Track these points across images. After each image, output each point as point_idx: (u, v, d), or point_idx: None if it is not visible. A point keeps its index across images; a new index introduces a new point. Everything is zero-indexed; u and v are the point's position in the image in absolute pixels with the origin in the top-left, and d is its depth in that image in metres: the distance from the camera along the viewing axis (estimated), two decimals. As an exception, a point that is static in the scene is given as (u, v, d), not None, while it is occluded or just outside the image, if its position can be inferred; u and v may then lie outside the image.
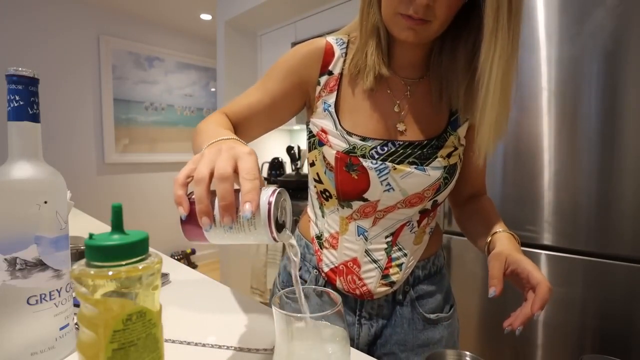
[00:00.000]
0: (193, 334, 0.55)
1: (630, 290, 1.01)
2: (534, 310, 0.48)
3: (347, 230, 0.62)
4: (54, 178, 0.44)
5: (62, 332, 0.44)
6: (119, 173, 3.13)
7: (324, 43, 0.62)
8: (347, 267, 0.62)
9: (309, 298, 0.39)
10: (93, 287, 0.27)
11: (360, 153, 0.57)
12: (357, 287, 0.62)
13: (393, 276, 0.62)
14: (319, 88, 0.62)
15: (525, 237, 1.16)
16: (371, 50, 0.57)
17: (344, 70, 0.61)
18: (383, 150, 0.57)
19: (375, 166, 0.56)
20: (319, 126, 0.61)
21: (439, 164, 0.57)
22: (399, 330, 0.64)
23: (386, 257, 0.61)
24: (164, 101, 3.39)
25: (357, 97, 0.60)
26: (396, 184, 0.57)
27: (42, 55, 2.67)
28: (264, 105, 0.63)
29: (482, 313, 1.27)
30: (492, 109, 0.50)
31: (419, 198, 0.58)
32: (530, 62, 1.15)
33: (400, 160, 0.57)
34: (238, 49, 2.67)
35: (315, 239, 0.67)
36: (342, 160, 0.57)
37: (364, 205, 0.59)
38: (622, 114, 1.01)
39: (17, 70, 0.41)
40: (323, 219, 0.65)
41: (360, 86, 0.60)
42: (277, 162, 2.58)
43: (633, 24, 0.99)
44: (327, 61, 0.61)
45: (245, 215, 0.32)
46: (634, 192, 1.00)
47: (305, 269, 0.68)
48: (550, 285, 0.50)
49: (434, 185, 0.58)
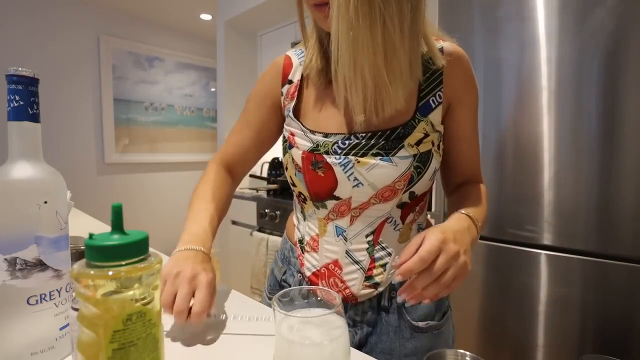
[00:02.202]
0: (193, 334, 0.55)
1: (630, 290, 1.01)
2: (395, 265, 0.44)
3: (326, 232, 0.61)
4: (54, 178, 0.44)
5: (62, 332, 0.44)
6: (119, 173, 3.13)
7: (283, 58, 0.68)
8: (328, 269, 0.61)
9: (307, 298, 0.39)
10: (93, 287, 0.27)
11: (323, 150, 0.57)
12: (339, 290, 0.60)
13: (377, 277, 0.59)
14: (282, 98, 0.66)
15: (525, 237, 1.16)
16: (311, 50, 0.61)
17: (303, 76, 0.64)
18: (345, 145, 0.56)
19: (338, 161, 0.56)
20: (289, 130, 0.63)
21: (407, 152, 0.55)
22: (384, 339, 0.61)
23: (368, 257, 0.59)
24: (164, 101, 3.39)
25: (317, 97, 0.62)
26: (363, 177, 0.55)
27: (42, 55, 2.67)
28: (251, 139, 0.70)
29: (481, 313, 1.27)
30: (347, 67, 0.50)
31: (391, 191, 0.56)
32: (530, 62, 1.15)
33: (364, 152, 0.55)
34: (238, 49, 2.67)
35: (297, 242, 0.67)
36: (307, 159, 0.58)
37: (338, 204, 0.58)
38: (622, 114, 1.01)
39: (17, 70, 0.41)
40: (304, 222, 0.65)
41: (316, 86, 0.62)
42: (276, 162, 2.59)
43: (633, 24, 0.99)
44: (286, 73, 0.66)
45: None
46: (634, 192, 1.00)
47: (290, 273, 0.68)
48: (442, 241, 0.44)
49: (405, 175, 0.55)
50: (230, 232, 2.62)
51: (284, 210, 2.14)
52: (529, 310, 1.16)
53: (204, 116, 3.71)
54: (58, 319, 0.43)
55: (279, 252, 0.74)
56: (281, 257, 0.71)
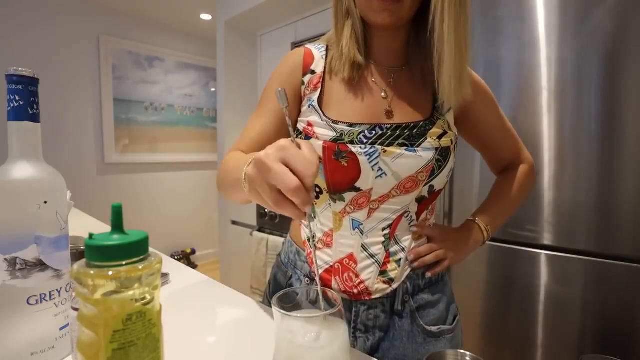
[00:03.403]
0: (193, 334, 0.55)
1: (630, 290, 1.01)
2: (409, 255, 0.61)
3: (342, 226, 0.60)
4: (54, 178, 0.44)
5: (62, 332, 0.44)
6: (119, 173, 3.13)
7: (303, 49, 0.65)
8: (342, 264, 0.60)
9: (307, 298, 0.39)
10: (93, 287, 0.27)
11: (348, 139, 0.56)
12: (354, 285, 0.59)
13: (391, 272, 0.60)
14: (303, 87, 0.63)
15: (525, 237, 1.16)
16: (346, 41, 0.60)
17: (326, 69, 0.63)
18: (371, 134, 0.56)
19: (364, 150, 0.55)
20: (305, 121, 0.61)
21: (429, 144, 0.56)
22: (397, 344, 0.60)
23: (384, 251, 0.59)
24: (164, 101, 3.39)
25: (342, 90, 0.61)
26: (388, 167, 0.56)
27: (42, 55, 2.67)
28: (271, 125, 0.64)
29: (481, 313, 1.27)
30: (449, 57, 0.53)
31: (413, 182, 0.57)
32: (530, 62, 1.15)
33: (390, 142, 0.56)
34: (238, 49, 2.67)
35: (307, 241, 0.64)
36: (330, 149, 0.56)
37: (357, 196, 0.58)
38: (622, 114, 1.01)
39: (17, 70, 0.41)
40: (316, 219, 0.64)
41: (343, 79, 0.61)
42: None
43: (633, 24, 0.99)
44: (308, 63, 0.64)
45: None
46: (634, 192, 1.00)
47: (297, 277, 0.66)
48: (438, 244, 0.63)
49: (428, 167, 0.56)
50: (230, 232, 2.62)
51: (284, 210, 2.13)
52: (529, 310, 1.16)
53: (204, 116, 3.71)
54: (58, 319, 0.43)
55: (282, 256, 0.71)
56: (285, 261, 0.69)
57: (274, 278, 0.71)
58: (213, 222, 3.72)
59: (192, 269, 0.85)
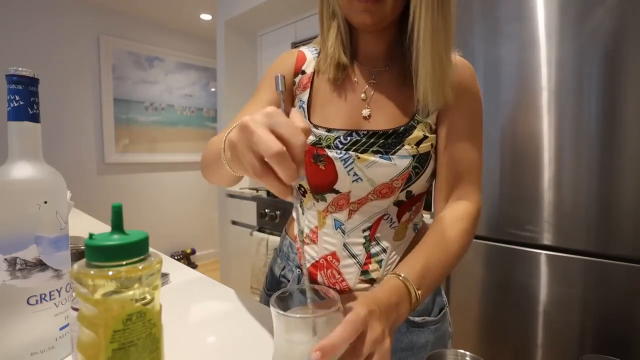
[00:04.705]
0: (193, 334, 0.55)
1: (630, 290, 1.01)
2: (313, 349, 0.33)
3: (325, 224, 0.62)
4: (54, 178, 0.44)
5: (62, 332, 0.44)
6: (119, 173, 3.13)
7: (297, 51, 0.68)
8: (327, 261, 0.62)
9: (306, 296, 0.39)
10: (93, 287, 0.27)
11: (325, 144, 0.58)
12: (336, 281, 0.62)
13: (373, 273, 0.61)
14: (294, 87, 0.66)
15: (525, 237, 1.16)
16: (331, 42, 0.61)
17: (316, 69, 0.65)
18: (347, 140, 0.58)
19: (339, 156, 0.57)
20: None
21: (406, 152, 0.56)
22: None
23: (365, 252, 0.61)
24: (164, 101, 3.39)
25: (327, 90, 0.63)
26: (363, 173, 0.57)
27: (42, 55, 2.67)
28: None
29: (481, 313, 1.27)
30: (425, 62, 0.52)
31: (388, 188, 0.58)
32: (530, 62, 1.15)
33: (364, 149, 0.57)
34: (238, 49, 2.68)
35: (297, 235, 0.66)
36: (309, 152, 0.59)
37: (337, 198, 0.60)
38: (622, 114, 1.01)
39: (17, 70, 0.41)
40: (303, 216, 0.66)
41: (328, 79, 0.63)
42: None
43: (633, 24, 0.99)
44: (300, 64, 0.66)
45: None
46: (634, 192, 1.00)
47: (289, 268, 0.69)
48: (363, 321, 0.37)
49: (403, 174, 0.57)
50: (230, 232, 2.62)
51: (284, 210, 2.14)
52: (529, 310, 1.16)
53: (204, 116, 3.71)
54: (58, 319, 0.43)
55: (278, 248, 0.75)
56: (280, 253, 0.73)
57: (270, 270, 0.74)
58: (213, 222, 3.72)
59: (192, 269, 0.85)
